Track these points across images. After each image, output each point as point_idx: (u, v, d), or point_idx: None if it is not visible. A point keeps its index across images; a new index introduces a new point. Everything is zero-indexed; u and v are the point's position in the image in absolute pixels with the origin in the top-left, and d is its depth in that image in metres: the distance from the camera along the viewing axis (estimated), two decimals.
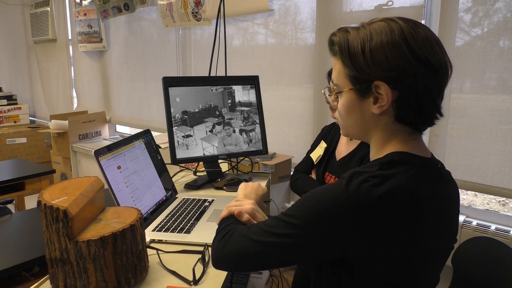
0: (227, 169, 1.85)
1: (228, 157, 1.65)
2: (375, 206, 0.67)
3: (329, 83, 1.57)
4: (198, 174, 1.76)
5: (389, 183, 0.68)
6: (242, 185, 1.07)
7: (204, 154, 1.61)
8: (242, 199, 0.97)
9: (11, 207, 2.27)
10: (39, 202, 0.85)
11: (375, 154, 0.80)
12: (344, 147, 1.61)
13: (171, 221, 1.22)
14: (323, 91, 0.91)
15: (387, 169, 0.71)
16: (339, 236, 0.69)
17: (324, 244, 0.70)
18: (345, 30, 0.78)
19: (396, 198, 0.68)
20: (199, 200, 1.42)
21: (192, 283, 0.92)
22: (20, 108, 4.88)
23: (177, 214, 1.28)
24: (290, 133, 2.61)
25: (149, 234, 1.14)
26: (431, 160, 0.78)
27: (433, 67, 0.71)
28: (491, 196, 4.17)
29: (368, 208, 0.67)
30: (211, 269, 0.98)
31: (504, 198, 4.04)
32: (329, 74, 1.60)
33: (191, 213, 1.29)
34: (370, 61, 0.72)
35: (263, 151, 1.70)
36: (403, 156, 0.74)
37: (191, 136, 1.59)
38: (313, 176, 1.72)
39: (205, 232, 1.16)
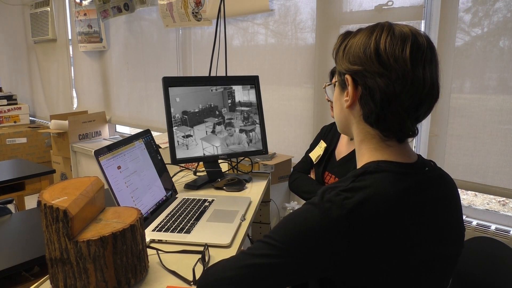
0: (227, 169, 1.85)
1: (229, 157, 1.66)
2: (348, 220, 0.64)
3: (331, 82, 1.57)
4: (198, 174, 1.76)
5: (360, 194, 0.66)
6: None
7: (204, 154, 1.61)
8: None
9: (11, 207, 2.27)
10: (39, 202, 0.85)
11: (357, 160, 0.81)
12: (344, 147, 1.61)
13: (171, 221, 1.22)
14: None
15: (360, 180, 0.69)
16: (316, 255, 0.66)
17: (303, 264, 0.68)
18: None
19: (369, 208, 0.65)
20: (199, 200, 1.42)
21: (192, 283, 0.92)
22: (20, 108, 4.87)
23: (177, 214, 1.28)
24: (290, 133, 2.61)
25: (149, 234, 1.14)
26: (416, 165, 0.75)
27: (396, 73, 0.69)
28: (491, 196, 4.17)
29: (341, 223, 0.65)
30: None
31: (504, 198, 4.04)
32: (332, 73, 1.60)
33: (191, 213, 1.29)
34: (345, 54, 0.75)
35: (263, 151, 1.70)
36: (379, 165, 0.72)
37: (191, 136, 1.59)
38: (312, 175, 1.72)
39: (205, 232, 1.16)
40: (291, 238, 0.68)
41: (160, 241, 1.12)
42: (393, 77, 0.69)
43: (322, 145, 1.69)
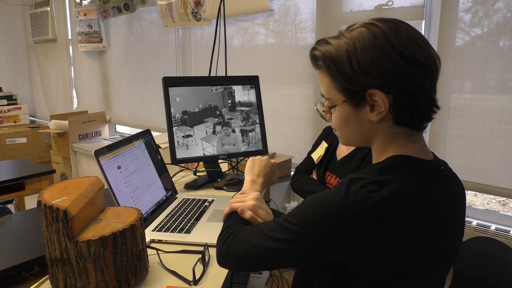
0: (227, 169, 1.85)
1: (228, 157, 1.65)
2: (373, 213, 0.66)
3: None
4: (198, 174, 1.76)
5: (387, 188, 0.68)
6: (249, 164, 1.07)
7: (204, 154, 1.61)
8: (247, 192, 0.96)
9: (11, 207, 2.26)
10: (39, 202, 0.85)
11: (376, 158, 0.80)
12: (344, 147, 1.61)
13: (171, 221, 1.22)
14: (315, 107, 0.91)
15: (386, 174, 0.70)
16: (337, 243, 0.68)
17: (323, 251, 0.70)
18: (326, 42, 0.76)
19: (394, 203, 0.67)
20: (199, 200, 1.42)
21: (192, 283, 0.92)
22: (20, 108, 4.87)
23: (177, 214, 1.28)
24: (290, 133, 2.61)
25: (149, 234, 1.14)
26: (433, 163, 0.77)
27: (423, 64, 0.70)
28: (491, 196, 4.17)
29: (366, 215, 0.66)
30: (211, 269, 0.98)
31: (504, 198, 4.04)
32: None
33: (191, 213, 1.29)
34: (358, 71, 0.71)
35: (263, 151, 1.70)
36: (402, 160, 0.74)
37: (191, 136, 1.59)
38: (314, 176, 1.72)
39: (205, 232, 1.16)
40: (313, 226, 0.70)
41: (160, 241, 1.12)
42: (424, 68, 0.70)
43: (323, 145, 1.70)
